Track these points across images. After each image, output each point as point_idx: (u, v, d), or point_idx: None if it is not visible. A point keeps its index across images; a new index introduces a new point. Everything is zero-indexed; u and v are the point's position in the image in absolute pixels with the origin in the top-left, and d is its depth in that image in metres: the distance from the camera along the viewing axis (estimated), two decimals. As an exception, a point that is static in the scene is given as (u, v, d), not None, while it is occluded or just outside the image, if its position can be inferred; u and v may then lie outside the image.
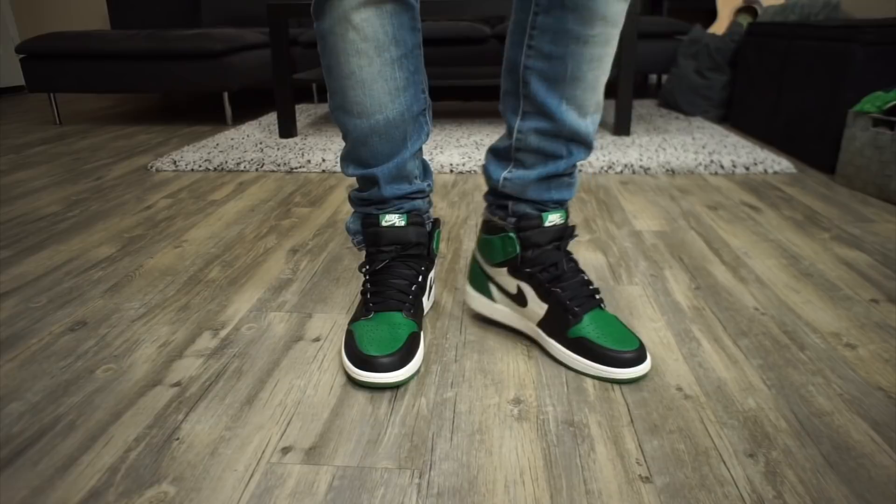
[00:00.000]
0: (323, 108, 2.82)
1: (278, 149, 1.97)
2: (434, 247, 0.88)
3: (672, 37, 2.71)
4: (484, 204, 0.88)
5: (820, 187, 1.51)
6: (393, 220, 0.82)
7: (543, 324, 0.80)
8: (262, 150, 1.96)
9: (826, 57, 1.62)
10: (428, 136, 0.82)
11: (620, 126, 2.03)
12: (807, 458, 0.61)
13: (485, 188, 1.54)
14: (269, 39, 2.12)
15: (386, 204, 0.84)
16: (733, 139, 1.95)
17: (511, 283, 0.82)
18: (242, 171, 1.80)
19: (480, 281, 0.87)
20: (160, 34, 2.48)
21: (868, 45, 1.50)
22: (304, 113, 2.70)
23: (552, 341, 0.79)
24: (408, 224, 0.82)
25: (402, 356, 0.73)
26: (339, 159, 0.78)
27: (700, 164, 1.67)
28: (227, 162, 1.82)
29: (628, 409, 0.69)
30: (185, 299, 0.99)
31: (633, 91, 2.37)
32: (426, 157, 1.80)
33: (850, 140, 1.48)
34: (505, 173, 0.80)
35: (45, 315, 0.94)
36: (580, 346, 0.76)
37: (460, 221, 1.31)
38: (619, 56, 1.96)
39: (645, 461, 0.61)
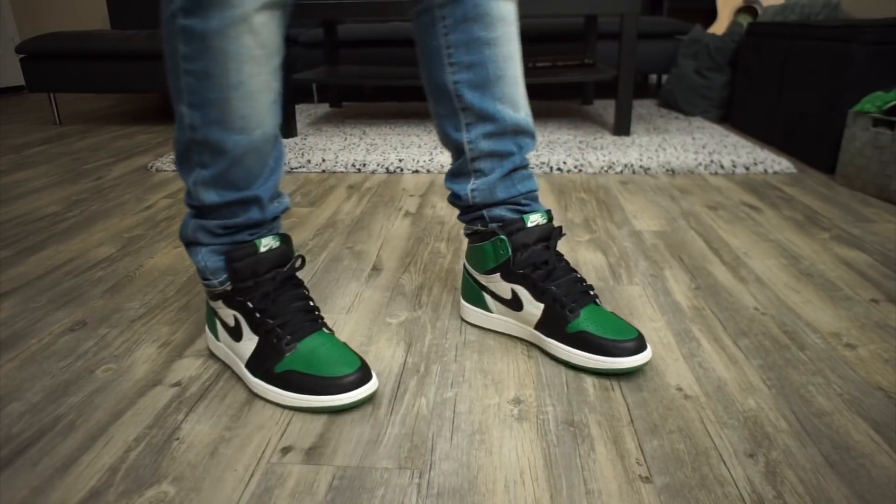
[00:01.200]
0: (323, 108, 2.82)
1: (278, 149, 1.97)
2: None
3: (672, 37, 2.71)
4: (462, 225, 0.85)
5: (820, 187, 1.51)
6: (270, 243, 0.73)
7: (541, 325, 0.80)
8: (262, 150, 1.96)
9: (826, 57, 1.62)
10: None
11: (620, 126, 2.03)
12: (807, 458, 0.61)
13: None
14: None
15: (263, 227, 0.75)
16: (733, 139, 1.95)
17: (505, 289, 0.82)
18: (242, 171, 1.80)
19: (474, 293, 0.87)
20: (160, 34, 2.48)
21: (868, 45, 1.50)
22: (304, 113, 2.70)
23: (552, 341, 0.79)
24: (282, 243, 0.74)
25: (364, 364, 0.71)
26: (193, 188, 0.71)
27: (700, 164, 1.67)
28: (227, 162, 1.82)
29: (628, 409, 0.69)
30: (185, 299, 0.99)
31: (633, 91, 2.37)
32: (426, 156, 1.80)
33: (850, 140, 1.48)
34: (470, 186, 0.82)
35: (45, 315, 0.94)
36: (580, 340, 0.76)
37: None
38: (619, 56, 1.96)
39: (645, 461, 0.61)
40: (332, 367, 0.70)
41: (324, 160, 1.80)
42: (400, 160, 1.77)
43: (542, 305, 0.79)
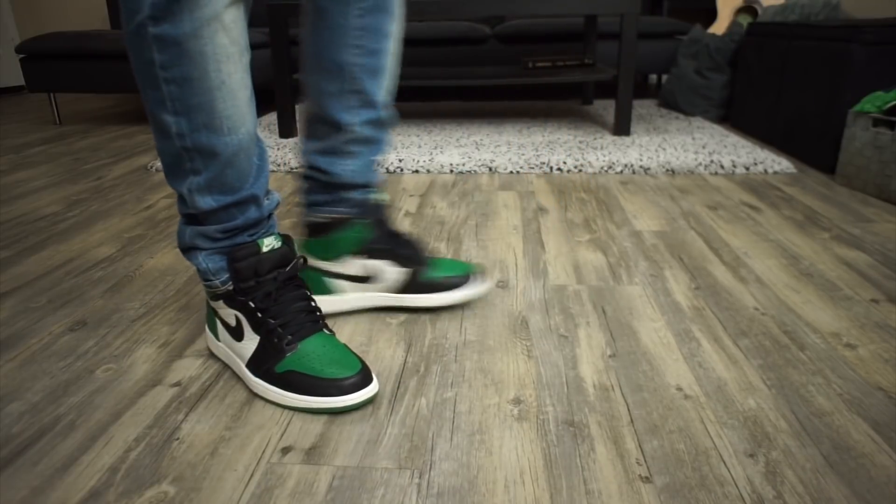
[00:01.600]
0: (323, 108, 2.81)
1: (278, 148, 1.97)
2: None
3: (672, 37, 2.71)
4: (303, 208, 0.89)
5: (820, 187, 1.51)
6: (272, 243, 0.73)
7: (405, 288, 0.90)
8: (262, 150, 1.96)
9: (826, 57, 1.62)
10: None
11: (620, 126, 2.03)
12: (807, 458, 0.61)
13: (484, 185, 1.54)
14: (269, 39, 2.12)
15: (260, 226, 0.75)
16: (733, 139, 1.95)
17: (358, 265, 0.89)
18: (242, 171, 1.80)
19: (319, 284, 0.90)
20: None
21: (868, 45, 1.50)
22: (304, 113, 2.70)
23: (413, 295, 0.89)
24: (283, 244, 0.74)
25: (364, 367, 0.72)
26: (188, 196, 0.70)
27: (700, 164, 1.67)
28: (227, 162, 1.82)
29: (628, 409, 0.69)
30: (185, 299, 0.99)
31: (633, 91, 2.37)
32: (426, 156, 1.80)
33: (850, 140, 1.48)
34: (344, 165, 0.86)
35: (45, 315, 0.94)
36: (429, 286, 0.88)
37: (460, 221, 1.31)
38: (619, 56, 1.96)
39: (645, 461, 0.61)
40: (332, 368, 0.70)
41: (324, 160, 1.79)
42: (400, 160, 1.77)
43: (405, 271, 0.89)
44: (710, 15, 3.38)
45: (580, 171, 1.70)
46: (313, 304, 0.76)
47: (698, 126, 2.18)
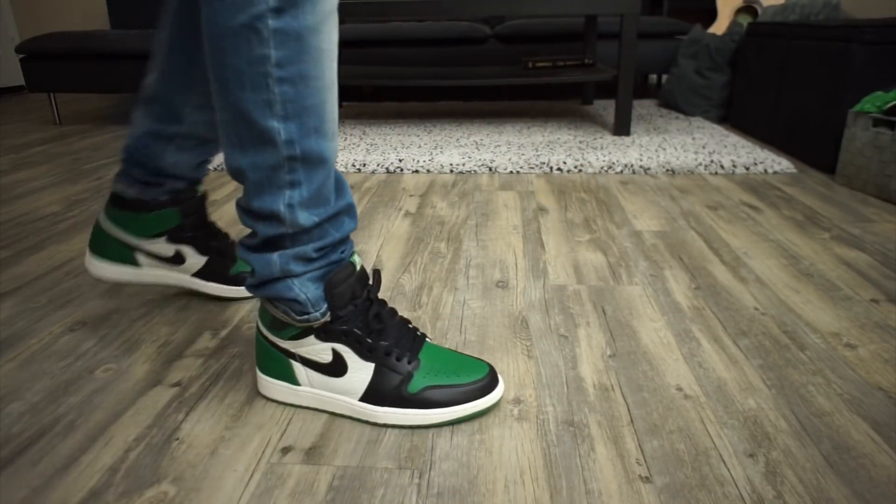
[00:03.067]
0: (323, 108, 2.81)
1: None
2: None
3: (672, 37, 2.71)
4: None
5: (820, 187, 1.51)
6: (356, 258, 0.68)
7: (203, 274, 0.94)
8: (262, 150, 1.96)
9: (826, 57, 1.62)
10: None
11: (620, 126, 2.03)
12: (807, 458, 0.61)
13: (484, 185, 1.54)
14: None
15: (347, 241, 0.68)
16: (733, 139, 1.95)
17: (165, 246, 0.91)
18: (242, 171, 1.80)
19: (120, 252, 0.90)
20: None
21: (868, 45, 1.50)
22: (304, 113, 2.70)
23: (204, 282, 0.94)
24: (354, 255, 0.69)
25: (486, 362, 0.72)
26: (287, 212, 0.62)
27: (700, 164, 1.67)
28: (227, 162, 1.82)
29: (628, 409, 0.69)
30: (185, 299, 0.99)
31: (633, 91, 2.37)
32: (426, 156, 1.80)
33: (850, 140, 1.48)
34: (175, 157, 0.85)
35: (45, 315, 0.94)
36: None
37: (460, 221, 1.31)
38: (619, 56, 1.96)
39: (645, 461, 0.61)
40: (465, 372, 0.68)
41: (324, 160, 1.79)
42: (400, 160, 1.77)
43: (206, 258, 0.94)
44: (710, 15, 3.38)
45: (580, 171, 1.70)
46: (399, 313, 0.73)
47: (698, 126, 2.18)
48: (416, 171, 1.74)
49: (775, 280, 1.01)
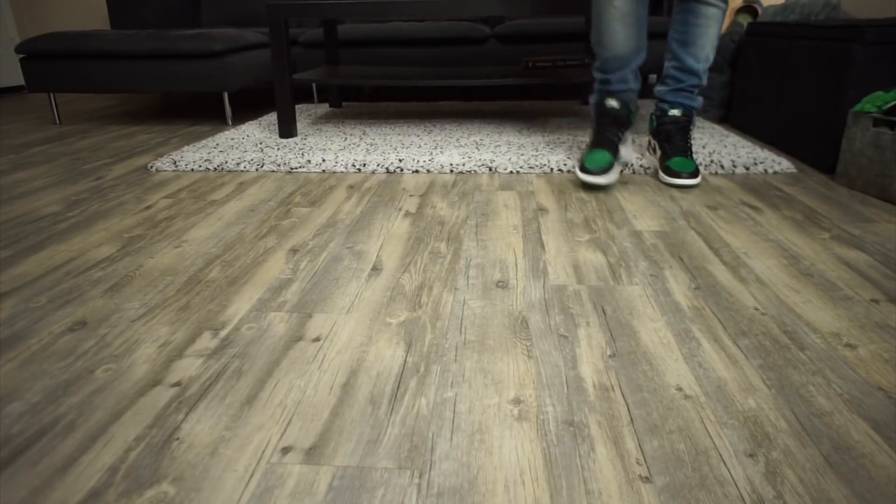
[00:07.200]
0: (323, 108, 2.82)
1: (278, 149, 1.97)
2: None
3: (672, 37, 2.70)
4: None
5: (820, 187, 1.51)
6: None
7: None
8: (262, 150, 1.96)
9: (826, 57, 1.62)
10: None
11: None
12: (807, 458, 0.61)
13: (484, 185, 1.54)
14: (269, 39, 2.12)
15: None
16: (733, 139, 1.95)
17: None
18: (242, 171, 1.80)
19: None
20: (160, 34, 2.48)
21: (868, 45, 1.50)
22: (304, 113, 2.70)
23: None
24: None
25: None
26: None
27: (700, 164, 1.67)
28: (227, 162, 1.82)
29: (628, 409, 0.69)
30: (185, 299, 0.99)
31: (633, 91, 2.37)
32: (426, 156, 1.80)
33: (850, 140, 1.48)
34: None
35: (45, 315, 0.94)
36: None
37: (460, 221, 1.31)
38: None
39: (645, 461, 0.61)
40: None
41: (324, 160, 1.80)
42: (400, 160, 1.77)
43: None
44: (710, 15, 3.37)
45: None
46: None
47: (698, 126, 2.18)
48: (416, 171, 1.74)
49: (775, 280, 1.01)
